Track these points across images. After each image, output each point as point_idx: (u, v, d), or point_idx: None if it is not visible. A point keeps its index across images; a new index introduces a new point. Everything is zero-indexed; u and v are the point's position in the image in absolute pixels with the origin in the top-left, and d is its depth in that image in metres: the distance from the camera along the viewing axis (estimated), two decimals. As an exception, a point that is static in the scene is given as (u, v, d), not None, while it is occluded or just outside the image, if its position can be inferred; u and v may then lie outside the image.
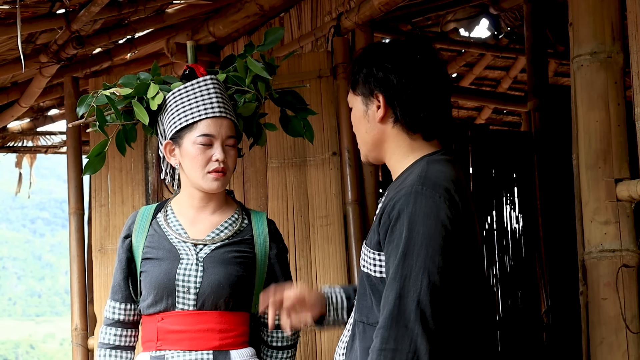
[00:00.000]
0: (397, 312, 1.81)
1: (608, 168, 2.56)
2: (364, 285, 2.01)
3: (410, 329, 1.80)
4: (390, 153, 2.05)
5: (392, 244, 1.87)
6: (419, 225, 1.84)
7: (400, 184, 1.95)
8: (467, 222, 1.90)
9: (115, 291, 2.54)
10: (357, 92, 2.06)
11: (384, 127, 2.02)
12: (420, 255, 1.82)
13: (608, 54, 2.58)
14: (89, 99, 2.62)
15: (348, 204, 3.75)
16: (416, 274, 1.82)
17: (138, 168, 4.23)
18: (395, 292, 1.83)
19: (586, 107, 2.61)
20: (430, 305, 1.80)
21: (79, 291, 4.50)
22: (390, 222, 1.88)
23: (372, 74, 2.01)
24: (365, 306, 1.99)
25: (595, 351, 2.56)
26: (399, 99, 1.98)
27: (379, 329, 1.84)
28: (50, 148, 6.49)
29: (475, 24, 6.03)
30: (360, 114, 2.05)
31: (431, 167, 1.95)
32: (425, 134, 2.02)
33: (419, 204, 1.85)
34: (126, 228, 2.57)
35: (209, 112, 2.47)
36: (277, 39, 2.77)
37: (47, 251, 38.52)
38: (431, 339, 1.80)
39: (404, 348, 1.80)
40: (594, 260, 2.57)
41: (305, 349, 3.73)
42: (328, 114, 3.81)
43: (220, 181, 2.48)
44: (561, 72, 6.96)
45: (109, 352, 2.52)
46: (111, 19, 4.19)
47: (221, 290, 2.45)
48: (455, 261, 1.85)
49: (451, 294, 1.84)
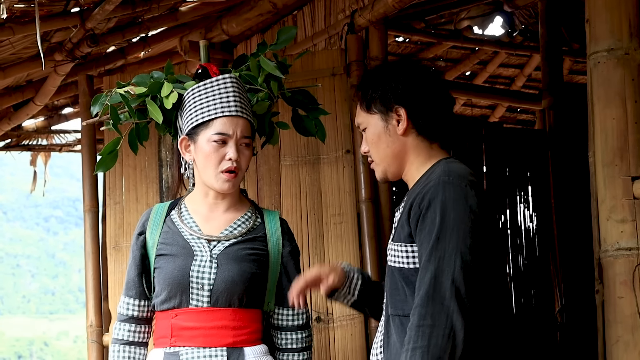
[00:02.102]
0: (432, 290, 1.95)
1: (625, 166, 2.54)
2: (395, 281, 2.13)
3: (446, 306, 1.93)
4: (410, 163, 2.20)
5: (424, 231, 2.01)
6: (449, 210, 1.99)
7: (424, 181, 2.10)
8: (489, 210, 2.05)
9: (130, 287, 2.55)
10: (373, 111, 2.20)
11: (405, 140, 2.18)
12: (452, 238, 1.97)
13: (625, 51, 2.56)
14: (103, 98, 2.64)
15: (361, 202, 3.75)
16: (449, 254, 1.96)
17: (152, 166, 4.23)
18: (431, 273, 1.96)
19: (603, 105, 2.59)
20: (464, 283, 1.94)
21: (94, 288, 4.52)
22: (421, 211, 2.03)
23: (391, 89, 2.16)
24: (399, 300, 2.10)
25: (611, 350, 2.55)
26: (420, 111, 2.15)
27: (415, 308, 1.96)
28: (64, 146, 6.51)
29: (489, 22, 6.01)
30: (379, 130, 2.20)
31: (451, 165, 2.11)
32: (442, 142, 2.20)
33: (448, 191, 2.01)
34: (140, 225, 2.58)
35: (225, 110, 2.47)
36: (289, 38, 2.78)
37: (61, 249, 38.69)
38: (466, 315, 1.92)
39: (440, 324, 1.92)
40: (610, 258, 2.55)
41: (318, 346, 3.73)
42: (341, 111, 3.81)
43: (232, 182, 2.49)
44: (576, 69, 6.93)
45: (123, 347, 2.53)
46: (125, 17, 4.20)
47: (235, 287, 2.45)
48: (484, 243, 2.00)
49: (482, 273, 1.98)
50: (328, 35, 4.06)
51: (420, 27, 5.70)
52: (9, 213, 39.21)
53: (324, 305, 3.72)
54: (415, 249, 2.05)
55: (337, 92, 3.82)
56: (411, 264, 2.07)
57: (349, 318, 3.68)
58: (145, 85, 2.62)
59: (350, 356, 3.69)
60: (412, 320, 1.96)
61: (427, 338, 1.92)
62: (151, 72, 2.73)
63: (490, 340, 2.03)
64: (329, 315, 3.71)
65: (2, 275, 35.66)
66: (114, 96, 2.60)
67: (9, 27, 3.79)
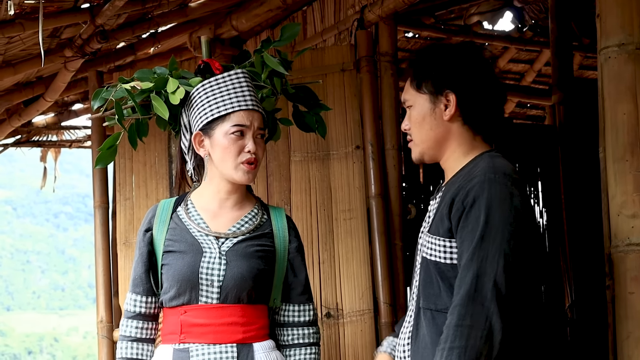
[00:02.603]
0: (474, 291, 1.94)
1: (635, 161, 2.53)
2: (429, 274, 2.11)
3: (486, 307, 1.92)
4: (451, 151, 2.16)
5: (467, 228, 1.99)
6: (494, 210, 1.97)
7: (466, 175, 2.07)
8: (531, 209, 2.04)
9: (137, 284, 2.55)
10: (423, 91, 2.16)
11: (450, 126, 2.15)
12: (497, 239, 1.95)
13: (636, 46, 2.55)
14: (104, 93, 2.64)
15: (371, 198, 3.75)
16: (493, 255, 1.94)
17: (162, 162, 4.24)
18: (473, 272, 1.95)
19: (613, 100, 2.58)
20: (506, 286, 1.93)
21: (104, 284, 4.53)
22: (465, 208, 2.01)
23: (445, 73, 2.12)
24: (433, 294, 2.09)
25: (621, 346, 2.54)
26: (470, 100, 2.12)
27: (455, 307, 1.96)
28: (74, 142, 6.53)
29: (499, 17, 5.99)
30: (425, 111, 2.16)
31: (495, 160, 2.09)
32: (486, 136, 2.18)
33: (494, 190, 1.99)
34: (146, 221, 2.58)
35: (241, 104, 2.49)
36: (293, 35, 2.79)
37: (71, 245, 38.81)
38: (505, 318, 1.91)
39: (479, 325, 1.92)
40: (620, 254, 2.55)
41: (328, 342, 3.73)
42: (351, 107, 3.81)
43: (252, 173, 2.51)
44: (586, 65, 6.90)
45: (131, 344, 2.53)
46: (135, 13, 4.21)
47: (244, 283, 2.46)
48: (527, 244, 1.98)
49: (524, 275, 1.96)
50: (338, 31, 4.06)
51: (430, 22, 5.69)
52: (19, 209, 39.36)
53: (334, 301, 3.72)
54: (454, 244, 2.04)
55: (347, 88, 3.82)
56: (448, 259, 2.06)
57: (359, 314, 3.69)
58: (147, 80, 2.63)
59: (360, 352, 3.70)
60: (450, 319, 1.96)
61: (465, 339, 1.91)
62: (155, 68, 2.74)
63: (527, 342, 2.02)
64: (338, 311, 3.71)
65: (13, 271, 35.81)
66: (118, 91, 2.60)
67: (19, 24, 3.79)
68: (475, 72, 2.12)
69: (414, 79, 2.18)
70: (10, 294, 35.00)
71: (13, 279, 35.57)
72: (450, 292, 2.04)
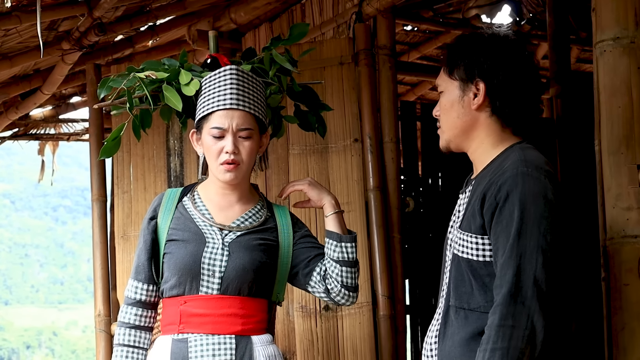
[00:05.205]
0: (514, 289, 1.90)
1: (630, 154, 2.54)
2: (461, 271, 2.07)
3: (527, 306, 1.89)
4: (479, 142, 2.12)
5: (501, 224, 1.95)
6: (529, 204, 1.93)
7: (497, 169, 2.02)
8: (565, 201, 1.99)
9: (139, 271, 2.56)
10: (455, 77, 2.11)
11: (478, 115, 2.10)
12: (533, 234, 1.91)
13: (631, 39, 2.56)
14: (111, 82, 2.64)
15: (370, 191, 3.76)
16: (530, 252, 1.91)
17: (160, 155, 4.25)
18: (512, 270, 1.91)
19: (609, 93, 2.59)
20: (546, 282, 1.90)
21: (102, 277, 4.53)
22: (498, 203, 1.96)
23: (478, 62, 2.07)
24: (465, 292, 2.05)
25: (617, 337, 2.55)
26: (500, 92, 2.06)
27: (496, 306, 1.92)
28: (72, 135, 6.52)
29: (497, 11, 5.98)
30: (454, 98, 2.11)
31: (526, 152, 2.04)
32: (516, 129, 2.11)
33: (527, 184, 1.94)
34: (152, 210, 2.59)
35: (220, 104, 2.49)
36: (302, 34, 2.81)
37: (69, 239, 38.78)
38: (547, 315, 1.89)
39: (521, 325, 1.89)
40: (616, 246, 2.56)
41: (327, 334, 3.74)
42: (350, 100, 3.81)
43: (233, 173, 2.49)
44: (584, 58, 6.90)
45: (129, 331, 2.54)
46: (133, 6, 4.21)
47: (245, 275, 2.47)
48: (563, 237, 1.95)
49: (562, 269, 1.94)
50: (336, 24, 4.06)
51: (428, 15, 5.68)
52: (17, 202, 39.32)
53: (331, 293, 3.73)
54: (487, 241, 2.00)
55: (345, 81, 3.83)
56: (481, 256, 2.02)
57: (357, 307, 3.70)
58: (155, 70, 2.63)
59: (358, 344, 3.71)
60: (492, 319, 1.92)
61: (508, 339, 1.89)
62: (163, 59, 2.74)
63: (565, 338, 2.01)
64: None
65: (11, 265, 35.79)
66: (130, 80, 2.60)
67: (15, 16, 3.79)
68: (509, 63, 2.06)
69: (447, 64, 2.13)
70: (8, 287, 34.98)
71: (11, 272, 35.55)
72: (483, 291, 2.01)
